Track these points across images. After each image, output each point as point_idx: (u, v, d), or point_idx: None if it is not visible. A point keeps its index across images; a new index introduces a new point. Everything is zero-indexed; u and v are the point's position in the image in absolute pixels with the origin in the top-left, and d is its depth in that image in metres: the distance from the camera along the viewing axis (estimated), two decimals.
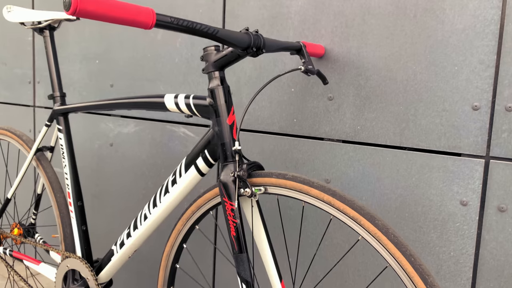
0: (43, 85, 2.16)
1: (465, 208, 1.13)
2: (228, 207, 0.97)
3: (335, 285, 1.34)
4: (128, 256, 1.24)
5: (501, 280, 1.10)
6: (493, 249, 1.11)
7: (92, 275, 1.26)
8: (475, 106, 1.10)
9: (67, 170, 1.35)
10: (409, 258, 0.78)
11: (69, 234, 1.39)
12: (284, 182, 0.93)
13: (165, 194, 1.12)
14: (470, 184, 1.12)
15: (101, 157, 1.93)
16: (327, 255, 1.35)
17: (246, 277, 0.95)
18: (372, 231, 0.82)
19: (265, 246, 1.02)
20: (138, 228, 1.18)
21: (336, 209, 0.86)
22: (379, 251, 0.82)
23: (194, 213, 1.11)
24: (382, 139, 1.24)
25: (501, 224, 1.09)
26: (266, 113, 1.44)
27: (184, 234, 1.14)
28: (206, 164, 1.06)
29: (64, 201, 1.42)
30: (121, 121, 1.84)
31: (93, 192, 1.98)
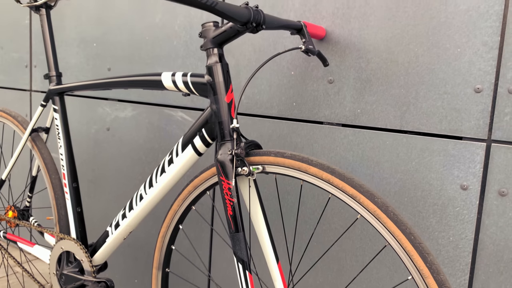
0: (40, 69, 2.13)
1: (465, 192, 1.12)
2: (225, 186, 0.96)
3: (332, 270, 1.33)
4: (123, 237, 1.22)
5: (500, 265, 1.09)
6: (493, 234, 1.09)
7: (87, 257, 1.25)
8: (478, 89, 1.09)
9: (62, 151, 1.33)
10: (409, 237, 0.77)
11: (63, 216, 1.38)
12: (283, 160, 0.91)
13: (161, 174, 1.10)
14: (471, 168, 1.11)
15: (98, 141, 1.91)
16: (325, 239, 1.34)
17: (242, 257, 0.93)
18: (371, 209, 0.80)
19: (262, 226, 1.01)
20: (133, 208, 1.17)
21: (334, 187, 0.84)
22: (378, 230, 0.80)
23: (190, 194, 1.09)
24: (382, 123, 1.22)
25: (502, 209, 1.08)
26: (265, 97, 1.42)
27: (180, 215, 1.12)
28: (203, 143, 1.04)
29: (59, 182, 1.40)
30: (118, 105, 1.82)
31: (90, 177, 1.96)
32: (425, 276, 0.75)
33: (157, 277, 1.18)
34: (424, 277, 0.75)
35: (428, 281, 0.75)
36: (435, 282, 0.74)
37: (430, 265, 0.75)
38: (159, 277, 1.18)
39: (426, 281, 0.75)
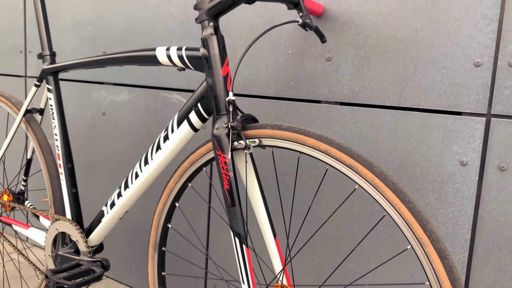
0: (34, 55, 2.11)
1: (465, 168, 1.10)
2: (222, 160, 0.94)
3: (331, 250, 1.32)
4: (119, 217, 1.21)
5: (500, 241, 1.08)
6: (493, 210, 1.08)
7: (82, 237, 1.23)
8: (477, 63, 1.07)
9: (56, 131, 1.32)
10: (408, 205, 0.75)
11: (58, 197, 1.36)
12: (280, 132, 0.89)
13: (156, 151, 1.09)
14: (470, 143, 1.09)
15: (94, 126, 1.89)
16: (322, 217, 1.32)
17: (239, 231, 0.92)
18: (370, 178, 0.79)
19: (259, 202, 1.00)
20: (129, 187, 1.15)
21: (332, 158, 0.83)
22: (377, 199, 0.79)
23: (186, 170, 1.08)
24: (380, 100, 1.20)
25: (501, 184, 1.07)
26: (262, 77, 1.40)
27: (177, 192, 1.11)
28: (199, 118, 1.02)
29: (53, 163, 1.38)
30: (114, 89, 1.80)
31: (85, 163, 1.94)
32: (425, 245, 0.74)
33: (153, 257, 1.17)
34: (424, 245, 0.74)
35: (428, 250, 0.74)
36: (434, 250, 0.73)
37: (429, 234, 0.74)
38: (156, 256, 1.17)
39: (425, 250, 0.74)
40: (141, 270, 1.81)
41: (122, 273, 1.87)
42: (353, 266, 1.29)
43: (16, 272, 1.94)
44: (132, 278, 1.84)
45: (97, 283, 1.87)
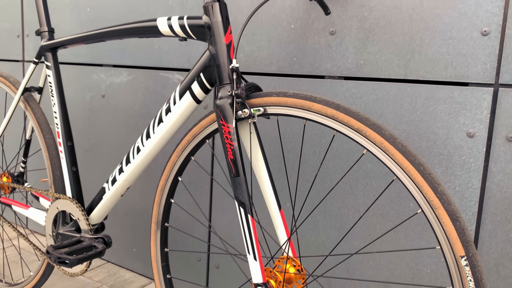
0: (32, 39, 2.08)
1: (472, 140, 1.09)
2: (225, 130, 0.92)
3: (335, 227, 1.30)
4: (120, 194, 1.19)
5: (508, 213, 1.06)
6: (500, 181, 1.07)
7: (83, 215, 1.22)
8: (484, 32, 1.05)
9: (56, 109, 1.29)
10: (418, 167, 0.74)
11: (59, 176, 1.34)
12: (285, 99, 0.87)
13: (158, 124, 1.07)
14: (478, 114, 1.08)
15: (93, 109, 1.87)
16: (329, 188, 1.31)
17: (243, 200, 0.90)
18: (379, 142, 0.77)
19: (263, 173, 0.98)
20: (130, 162, 1.13)
21: (339, 123, 0.81)
22: (386, 163, 0.77)
23: (189, 143, 1.06)
24: (385, 73, 1.18)
25: (509, 155, 1.05)
26: (264, 53, 1.38)
27: (179, 166, 1.09)
28: (202, 89, 1.00)
29: (53, 142, 1.36)
30: (113, 70, 1.77)
31: (85, 147, 1.92)
32: (435, 207, 0.72)
33: (156, 232, 1.15)
34: (434, 208, 0.72)
35: (439, 212, 0.72)
36: (446, 212, 0.71)
37: (440, 196, 0.72)
38: (158, 232, 1.15)
39: (436, 212, 0.72)
40: (142, 254, 1.79)
41: (124, 257, 1.86)
42: (358, 243, 1.27)
43: (16, 257, 1.92)
44: (134, 262, 1.82)
45: (98, 268, 1.86)
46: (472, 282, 0.70)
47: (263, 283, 0.89)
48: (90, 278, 1.77)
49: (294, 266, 0.95)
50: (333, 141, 1.27)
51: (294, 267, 0.95)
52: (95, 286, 1.71)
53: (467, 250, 0.70)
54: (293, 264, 0.95)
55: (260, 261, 0.90)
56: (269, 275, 0.92)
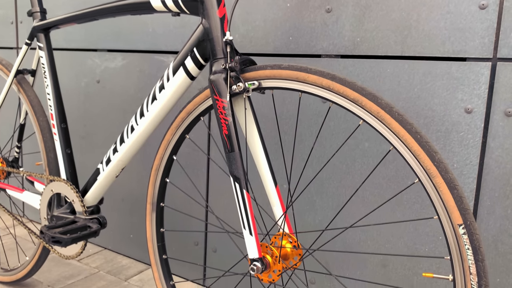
0: (26, 25, 2.05)
1: (470, 115, 1.07)
2: (220, 105, 0.91)
3: (332, 208, 1.29)
4: (115, 174, 1.17)
5: (506, 188, 1.05)
6: (499, 157, 1.06)
7: (78, 197, 1.20)
8: (482, 5, 1.03)
9: (49, 91, 1.28)
10: (415, 136, 0.72)
11: (53, 159, 1.33)
12: (280, 72, 0.86)
13: (152, 102, 1.05)
14: (476, 89, 1.06)
15: (88, 95, 1.85)
16: (324, 160, 1.30)
17: (238, 175, 0.89)
18: (375, 111, 0.75)
19: (258, 149, 0.96)
20: (125, 141, 1.12)
21: (335, 93, 0.80)
22: (382, 133, 0.76)
23: (184, 121, 1.04)
24: (382, 50, 1.17)
25: (508, 130, 1.04)
26: (260, 34, 1.36)
27: (174, 145, 1.08)
28: (195, 65, 0.98)
29: (47, 125, 1.35)
30: (108, 55, 1.75)
31: (81, 134, 1.90)
32: (433, 176, 0.71)
33: (151, 213, 1.14)
34: (432, 176, 0.71)
35: (436, 181, 0.71)
36: (443, 180, 0.70)
37: (438, 164, 0.71)
38: (154, 212, 1.14)
39: (433, 181, 0.71)
40: (139, 240, 1.78)
41: (120, 243, 1.85)
42: (354, 222, 1.26)
43: (13, 245, 1.91)
44: (131, 248, 1.81)
45: (95, 255, 1.85)
46: (470, 250, 0.69)
47: (259, 258, 0.88)
48: (87, 264, 1.76)
49: (290, 242, 0.94)
50: (330, 120, 1.26)
51: (290, 243, 0.94)
52: (92, 272, 1.70)
53: (465, 218, 0.69)
54: (289, 241, 0.94)
55: (256, 236, 0.89)
56: (265, 251, 0.91)
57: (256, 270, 0.87)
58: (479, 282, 0.69)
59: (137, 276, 1.68)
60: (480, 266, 0.69)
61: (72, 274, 1.67)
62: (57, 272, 1.68)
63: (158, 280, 1.14)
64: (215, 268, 1.15)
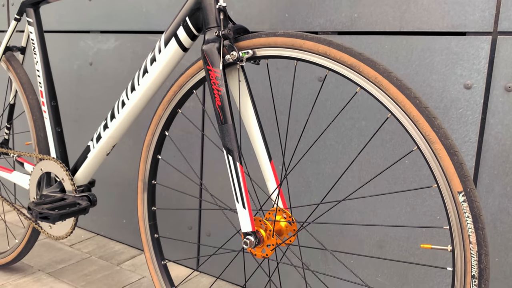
0: (17, 7, 2.01)
1: (469, 91, 1.05)
2: (213, 75, 0.88)
3: (328, 188, 1.27)
4: (106, 152, 1.15)
5: (506, 166, 1.03)
6: (498, 134, 1.03)
7: (68, 175, 1.17)
8: None
9: (39, 67, 1.24)
10: (414, 101, 0.70)
11: (43, 138, 1.29)
12: (275, 39, 0.83)
13: (143, 75, 1.02)
14: (475, 64, 1.04)
15: (81, 78, 1.81)
16: (319, 142, 1.27)
17: (231, 147, 0.86)
18: (372, 76, 0.73)
19: (252, 122, 0.94)
20: (115, 117, 1.09)
21: (332, 60, 0.77)
22: (380, 99, 0.73)
23: (176, 94, 1.01)
24: (380, 26, 1.14)
25: (508, 105, 1.01)
26: (256, 11, 1.33)
27: (166, 120, 1.05)
28: (188, 35, 0.95)
29: (37, 103, 1.32)
30: (101, 37, 1.72)
31: (73, 117, 1.87)
32: (432, 142, 0.69)
33: (143, 190, 1.11)
34: (431, 143, 0.69)
35: (435, 147, 0.68)
36: (443, 146, 0.68)
37: (437, 130, 0.68)
38: (145, 190, 1.11)
39: (433, 147, 0.69)
40: (132, 225, 1.75)
41: (113, 229, 1.82)
42: (352, 203, 1.24)
43: (3, 231, 1.88)
44: (124, 234, 1.79)
45: (87, 241, 1.82)
46: (470, 218, 0.67)
47: (252, 232, 0.86)
48: (78, 249, 1.73)
49: (285, 218, 0.91)
50: (326, 100, 1.23)
51: (284, 218, 0.91)
52: (83, 257, 1.67)
53: (465, 185, 0.67)
54: (283, 216, 0.92)
55: (249, 210, 0.86)
56: (258, 225, 0.88)
57: (249, 244, 0.85)
58: (479, 251, 0.66)
59: (129, 261, 1.65)
60: (480, 235, 0.66)
61: (63, 259, 1.64)
62: (48, 257, 1.65)
63: (149, 260, 1.12)
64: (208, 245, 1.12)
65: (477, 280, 0.67)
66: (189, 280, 1.52)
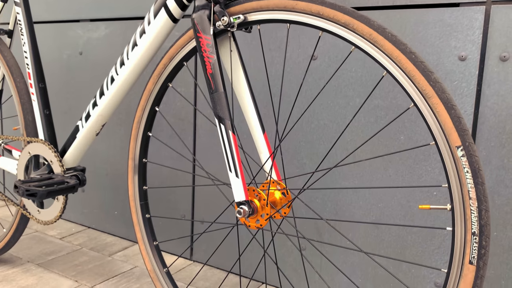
0: None
1: (464, 63, 1.04)
2: (203, 42, 0.86)
3: (321, 167, 1.25)
4: (95, 131, 1.12)
5: (502, 137, 1.02)
6: (494, 104, 1.02)
7: (56, 156, 1.14)
8: None
9: (26, 48, 1.22)
10: (409, 56, 0.68)
11: (30, 121, 1.26)
12: (267, 2, 0.81)
13: (133, 49, 1.00)
14: (470, 35, 1.03)
15: (71, 68, 1.79)
16: (311, 112, 1.25)
17: (223, 116, 0.84)
18: (367, 33, 0.71)
19: (245, 93, 0.92)
20: (104, 94, 1.06)
21: (325, 19, 0.75)
22: (375, 57, 0.71)
23: (166, 67, 0.99)
24: (373, 0, 1.13)
25: (503, 75, 1.00)
26: None
27: (156, 94, 1.02)
28: (178, 5, 0.93)
29: (24, 86, 1.29)
30: (91, 25, 1.70)
31: (63, 108, 1.84)
32: (429, 97, 0.67)
33: (133, 169, 1.08)
34: (428, 97, 0.67)
35: (432, 101, 0.67)
36: (440, 100, 0.66)
37: (434, 84, 0.66)
38: (136, 168, 1.08)
39: (429, 102, 0.67)
40: (124, 217, 1.72)
41: (105, 221, 1.78)
42: (347, 182, 1.22)
43: None
44: (115, 226, 1.75)
45: (78, 233, 1.78)
46: (469, 173, 0.65)
47: (246, 201, 0.83)
48: (69, 242, 1.70)
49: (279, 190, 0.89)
50: (319, 78, 1.22)
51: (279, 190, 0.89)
52: (74, 248, 1.63)
53: (463, 139, 0.65)
54: (277, 188, 0.89)
55: (242, 179, 0.84)
56: (252, 195, 0.86)
57: (243, 213, 0.82)
58: (479, 207, 0.64)
59: (121, 252, 1.62)
60: (480, 190, 0.64)
61: (54, 251, 1.60)
62: (38, 249, 1.61)
63: (141, 241, 1.09)
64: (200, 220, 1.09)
65: (478, 237, 0.65)
66: (183, 269, 1.49)
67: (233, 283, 1.39)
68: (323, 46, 1.21)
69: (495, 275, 1.05)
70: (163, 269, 1.07)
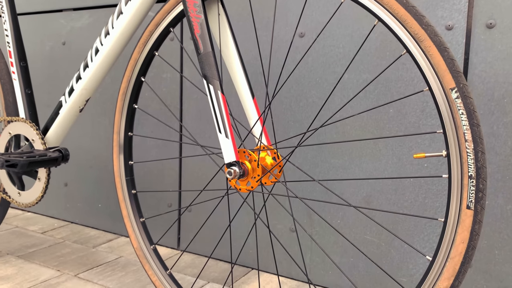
0: None
1: (451, 32, 1.04)
2: (190, 2, 0.84)
3: (312, 148, 1.23)
4: (78, 107, 1.09)
5: (491, 104, 1.02)
6: (482, 72, 1.02)
7: (38, 134, 1.11)
8: None
9: (7, 26, 1.19)
10: (401, 0, 0.68)
11: (11, 102, 1.23)
12: None
13: (118, 17, 0.98)
14: (455, 4, 1.03)
15: (54, 59, 1.75)
16: (300, 75, 1.24)
17: (212, 75, 0.82)
18: None
19: (233, 58, 0.90)
20: (89, 66, 1.03)
21: None
22: (366, 4, 0.71)
23: (152, 34, 0.97)
24: None
25: (490, 42, 1.01)
26: None
27: (141, 64, 1.00)
28: None
29: (5, 66, 1.25)
30: (74, 14, 1.67)
31: (46, 101, 1.80)
32: (421, 40, 0.66)
33: (118, 142, 1.05)
34: (420, 41, 0.66)
35: (425, 45, 0.66)
36: (433, 43, 0.65)
37: (426, 27, 0.66)
38: (121, 142, 1.05)
39: (422, 46, 0.66)
40: (109, 210, 1.67)
41: (88, 215, 1.73)
42: (336, 160, 1.20)
43: None
44: (99, 219, 1.70)
45: (60, 228, 1.72)
46: (464, 115, 0.64)
47: (236, 162, 0.81)
48: (51, 236, 1.64)
49: (269, 155, 0.87)
50: (308, 55, 1.21)
51: (269, 155, 0.87)
52: (56, 241, 1.58)
53: (457, 81, 0.64)
54: (268, 153, 0.87)
55: (232, 139, 0.81)
56: (243, 157, 0.83)
57: (234, 174, 0.80)
58: (475, 148, 0.63)
59: (106, 244, 1.57)
60: (476, 132, 0.63)
61: (35, 244, 1.54)
62: (18, 243, 1.55)
63: (126, 218, 1.05)
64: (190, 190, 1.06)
65: (475, 180, 0.64)
66: (170, 258, 1.45)
67: (222, 269, 1.36)
68: (310, 23, 1.21)
69: (487, 245, 1.04)
70: (150, 246, 1.03)
